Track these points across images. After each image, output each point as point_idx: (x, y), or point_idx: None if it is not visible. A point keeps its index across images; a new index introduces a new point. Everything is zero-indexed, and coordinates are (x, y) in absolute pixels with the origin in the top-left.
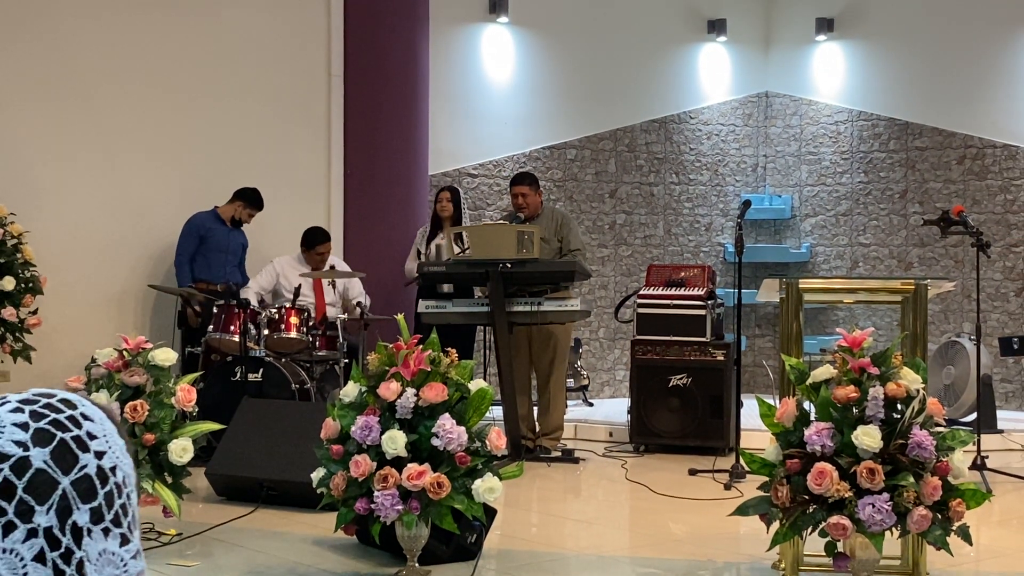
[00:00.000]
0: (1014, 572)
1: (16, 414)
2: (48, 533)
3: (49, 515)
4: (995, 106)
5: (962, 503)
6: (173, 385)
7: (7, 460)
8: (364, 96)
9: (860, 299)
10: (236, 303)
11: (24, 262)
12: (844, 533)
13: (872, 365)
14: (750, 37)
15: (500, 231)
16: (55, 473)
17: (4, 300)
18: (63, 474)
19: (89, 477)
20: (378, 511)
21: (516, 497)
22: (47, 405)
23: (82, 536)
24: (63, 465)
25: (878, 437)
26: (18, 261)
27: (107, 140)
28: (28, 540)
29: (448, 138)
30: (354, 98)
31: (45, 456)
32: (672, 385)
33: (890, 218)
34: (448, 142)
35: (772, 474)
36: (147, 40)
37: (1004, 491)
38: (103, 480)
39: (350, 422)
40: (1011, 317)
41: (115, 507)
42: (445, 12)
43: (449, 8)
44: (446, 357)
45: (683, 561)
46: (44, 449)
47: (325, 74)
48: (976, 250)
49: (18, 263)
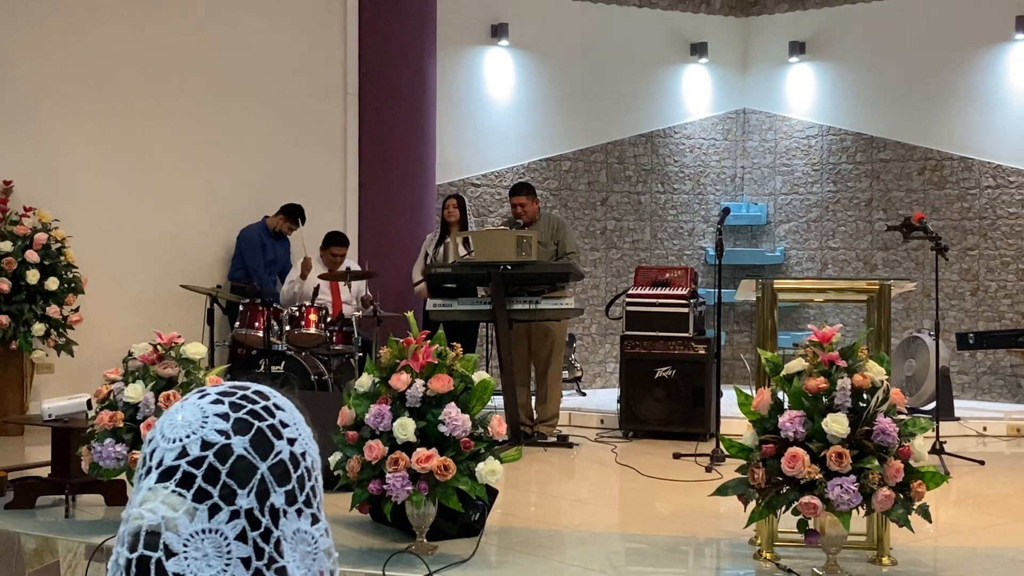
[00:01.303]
0: (970, 547)
1: (216, 405)
2: (249, 514)
3: (250, 498)
4: (952, 122)
5: (922, 484)
6: (203, 376)
7: (211, 448)
8: (377, 112)
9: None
10: (260, 301)
11: (67, 264)
12: (815, 512)
13: (840, 358)
14: (729, 59)
15: (501, 236)
16: (254, 459)
17: (49, 299)
18: (261, 460)
19: (283, 462)
20: (390, 491)
21: (515, 479)
22: (243, 397)
23: (279, 517)
24: (261, 451)
25: (846, 424)
26: (61, 263)
27: (141, 153)
28: (231, 521)
29: (454, 150)
30: (368, 114)
31: (245, 443)
32: (658, 376)
33: (857, 224)
34: (454, 154)
35: (749, 458)
36: (181, 60)
37: (961, 473)
38: (295, 465)
39: (364, 410)
40: (967, 314)
41: (306, 489)
42: (451, 36)
43: (454, 32)
44: (452, 351)
45: (668, 537)
46: (244, 437)
47: (342, 93)
48: (935, 253)
49: (61, 265)
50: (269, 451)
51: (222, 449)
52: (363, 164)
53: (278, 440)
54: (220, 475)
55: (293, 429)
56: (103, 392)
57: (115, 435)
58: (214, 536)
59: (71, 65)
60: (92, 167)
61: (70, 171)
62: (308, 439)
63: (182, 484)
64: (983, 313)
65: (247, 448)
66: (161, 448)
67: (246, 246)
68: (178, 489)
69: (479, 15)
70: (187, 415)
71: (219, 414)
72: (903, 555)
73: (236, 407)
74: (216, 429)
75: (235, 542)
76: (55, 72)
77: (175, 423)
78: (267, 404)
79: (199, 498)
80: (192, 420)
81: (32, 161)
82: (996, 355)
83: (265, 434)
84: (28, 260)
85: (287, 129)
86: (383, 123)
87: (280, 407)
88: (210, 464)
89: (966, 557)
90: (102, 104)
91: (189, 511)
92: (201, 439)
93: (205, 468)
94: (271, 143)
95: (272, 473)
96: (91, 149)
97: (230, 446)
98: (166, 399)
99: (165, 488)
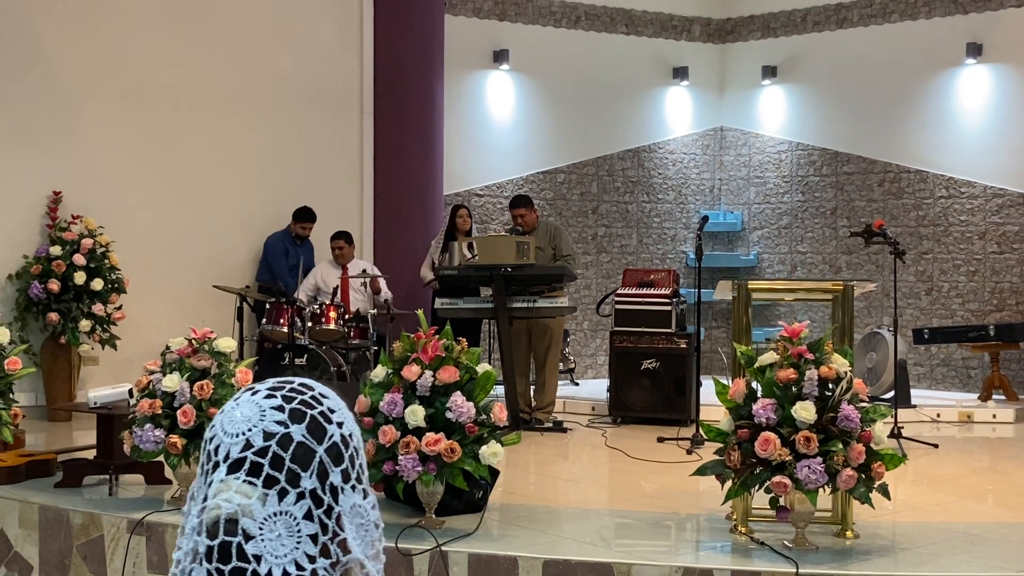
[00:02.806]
0: (925, 522)
1: (270, 400)
2: (313, 494)
3: (312, 479)
4: (909, 138)
5: (882, 465)
6: (233, 368)
7: (273, 438)
8: (390, 130)
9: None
10: (285, 300)
11: (110, 267)
12: (785, 490)
13: (808, 352)
14: (707, 82)
15: (502, 241)
16: (312, 444)
17: (94, 298)
18: (318, 444)
19: (336, 444)
20: (402, 472)
21: (515, 460)
22: (292, 389)
23: (338, 494)
24: (317, 436)
25: (813, 411)
26: (106, 266)
27: (177, 166)
28: (298, 502)
29: (459, 164)
30: (382, 131)
31: (302, 431)
32: (643, 368)
33: (823, 231)
34: (459, 167)
35: (726, 441)
36: (214, 84)
37: (916, 456)
38: (345, 445)
39: (379, 398)
40: (922, 312)
41: (356, 467)
42: (457, 61)
43: (460, 57)
44: (458, 345)
45: (652, 513)
46: (300, 425)
47: (358, 112)
48: (893, 257)
49: (106, 268)
50: (323, 435)
51: (283, 438)
52: (378, 176)
53: (329, 425)
54: (284, 461)
55: (340, 414)
56: (143, 382)
57: (154, 421)
58: (285, 518)
59: (112, 86)
60: (133, 179)
61: (113, 183)
62: (352, 422)
63: (251, 473)
64: (937, 311)
65: (304, 435)
66: (225, 444)
67: (271, 252)
68: (248, 478)
69: (482, 42)
70: (245, 411)
71: (275, 407)
72: (865, 529)
73: (288, 399)
74: (275, 420)
75: (303, 521)
76: (98, 93)
77: (235, 419)
78: (314, 394)
79: (268, 484)
80: (251, 415)
81: (79, 173)
82: (948, 349)
83: (318, 420)
84: (75, 263)
85: (309, 144)
86: (395, 139)
87: (325, 395)
88: (274, 452)
89: (921, 531)
90: (141, 122)
91: (261, 497)
92: (263, 431)
93: (270, 456)
94: (294, 157)
95: (328, 455)
96: (132, 163)
97: (289, 434)
98: (200, 388)
99: (236, 479)
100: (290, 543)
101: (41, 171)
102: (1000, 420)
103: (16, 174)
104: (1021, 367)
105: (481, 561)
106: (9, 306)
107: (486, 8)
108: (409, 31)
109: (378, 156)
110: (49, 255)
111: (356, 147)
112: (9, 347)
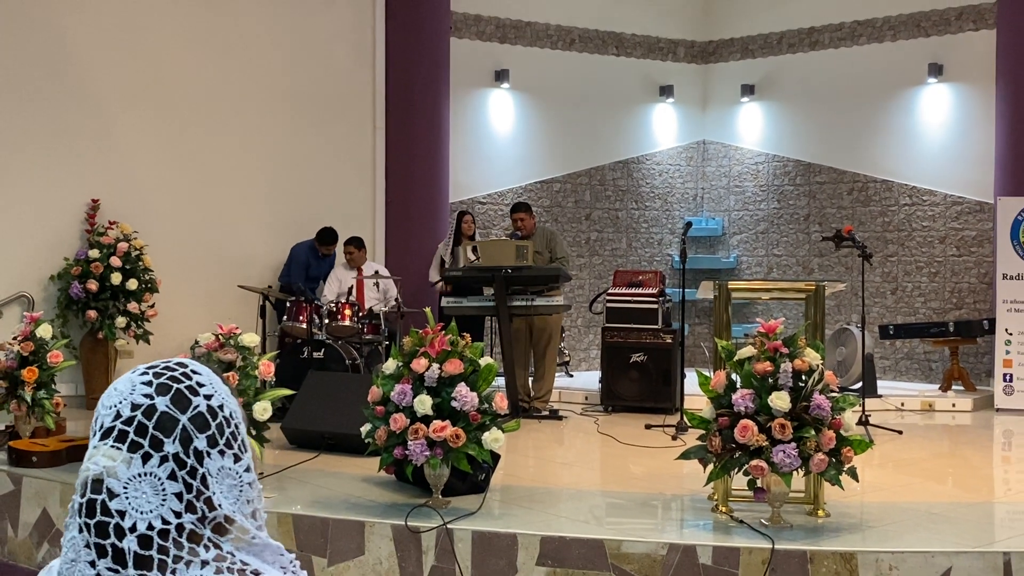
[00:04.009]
0: (891, 502)
1: (142, 376)
2: (176, 457)
3: (175, 444)
4: (876, 151)
5: (851, 450)
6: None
7: (139, 408)
8: (400, 142)
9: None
10: (304, 299)
11: (144, 268)
12: (762, 472)
13: (783, 346)
14: (691, 99)
15: (503, 245)
16: (176, 413)
17: (129, 297)
18: (181, 413)
19: (202, 414)
20: (411, 456)
21: (515, 446)
22: (165, 367)
23: (203, 457)
24: (181, 407)
25: (787, 400)
26: (140, 267)
27: (205, 178)
28: (162, 464)
29: (464, 174)
30: (393, 144)
31: (166, 402)
32: (632, 361)
33: (797, 235)
34: (464, 177)
35: (708, 428)
36: (241, 97)
37: (882, 441)
38: (213, 415)
39: (390, 389)
40: (887, 310)
41: (226, 434)
42: (462, 80)
43: (465, 76)
44: (462, 340)
45: (640, 493)
46: (165, 397)
47: (371, 126)
48: (861, 260)
49: (140, 269)
50: (188, 406)
51: (147, 408)
52: (389, 186)
53: (195, 397)
54: (148, 429)
55: (209, 387)
56: None
57: None
58: (150, 478)
59: (145, 104)
60: (165, 189)
61: (146, 192)
62: (226, 395)
63: (118, 440)
64: (901, 309)
65: (168, 405)
66: (102, 415)
67: (293, 260)
68: (115, 444)
69: (485, 62)
70: (120, 387)
71: (144, 382)
72: (835, 508)
73: (158, 375)
74: (142, 394)
75: (167, 480)
76: (133, 110)
77: (111, 394)
78: (184, 371)
79: (133, 449)
80: (124, 390)
81: (115, 183)
82: (912, 344)
83: (183, 393)
84: (112, 265)
85: (326, 156)
86: (405, 151)
87: (196, 372)
88: (139, 421)
89: (887, 510)
90: (172, 137)
91: (125, 460)
92: (131, 403)
93: (136, 425)
94: (313, 167)
95: (193, 423)
96: (163, 174)
97: (154, 405)
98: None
99: (105, 444)
100: (156, 500)
101: (80, 181)
102: (959, 409)
103: (58, 184)
104: (978, 360)
105: (483, 538)
106: (51, 304)
107: (488, 32)
108: (418, 53)
109: (389, 166)
110: (88, 258)
111: (369, 158)
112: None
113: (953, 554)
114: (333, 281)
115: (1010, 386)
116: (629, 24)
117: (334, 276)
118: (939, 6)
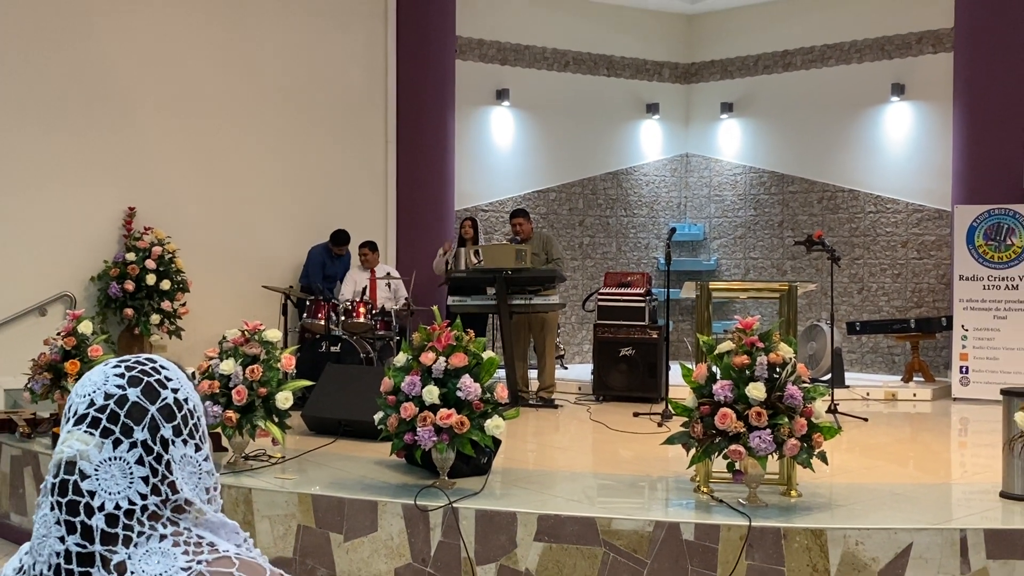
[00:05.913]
0: (857, 483)
1: (115, 369)
2: (144, 444)
3: (143, 432)
4: (844, 163)
5: (821, 436)
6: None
7: (112, 398)
8: (410, 155)
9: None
10: (322, 299)
11: (177, 270)
12: (740, 456)
13: (759, 341)
14: (675, 116)
15: (503, 249)
16: (145, 403)
17: (163, 296)
18: (150, 404)
19: (169, 405)
20: (420, 441)
21: (514, 432)
22: (136, 362)
23: (168, 444)
24: (150, 398)
25: (763, 390)
26: (172, 269)
27: (231, 186)
28: (131, 450)
29: (468, 184)
30: (403, 156)
31: (137, 393)
32: (622, 354)
33: (771, 240)
34: (468, 186)
35: (690, 416)
36: (264, 115)
37: (849, 428)
38: (179, 407)
39: (400, 380)
40: (854, 308)
41: (189, 425)
42: (466, 98)
43: (469, 95)
44: (466, 336)
45: (629, 476)
46: (136, 389)
47: (383, 139)
48: (830, 262)
49: (172, 271)
50: (156, 397)
51: (119, 398)
52: (400, 194)
53: (163, 390)
54: (119, 417)
55: (176, 382)
56: (204, 366)
57: (212, 398)
58: (119, 462)
59: (176, 119)
60: (195, 197)
61: (178, 200)
62: (190, 390)
63: (91, 425)
64: (866, 307)
65: (139, 396)
66: (76, 403)
67: (310, 262)
68: (88, 429)
69: (487, 82)
70: (93, 377)
71: (117, 374)
72: (806, 489)
73: (130, 368)
74: (115, 384)
75: (135, 465)
76: (165, 126)
77: (85, 383)
78: (154, 366)
79: (104, 435)
80: (97, 380)
81: (150, 192)
82: (876, 339)
83: (153, 385)
84: (147, 267)
85: (343, 167)
86: (414, 163)
87: (165, 367)
88: (111, 410)
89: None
90: (201, 150)
91: (97, 444)
92: (104, 392)
93: (108, 413)
94: (330, 177)
95: (160, 413)
96: (194, 183)
97: (126, 395)
98: (251, 371)
99: (79, 430)
100: (124, 483)
101: (118, 191)
102: (920, 398)
103: (97, 193)
104: (937, 354)
105: (486, 516)
106: (92, 303)
107: (490, 54)
108: (426, 73)
109: (400, 176)
110: (125, 260)
111: (382, 169)
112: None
113: (914, 531)
114: (349, 281)
115: (966, 377)
116: (619, 48)
117: (350, 277)
118: (901, 31)
